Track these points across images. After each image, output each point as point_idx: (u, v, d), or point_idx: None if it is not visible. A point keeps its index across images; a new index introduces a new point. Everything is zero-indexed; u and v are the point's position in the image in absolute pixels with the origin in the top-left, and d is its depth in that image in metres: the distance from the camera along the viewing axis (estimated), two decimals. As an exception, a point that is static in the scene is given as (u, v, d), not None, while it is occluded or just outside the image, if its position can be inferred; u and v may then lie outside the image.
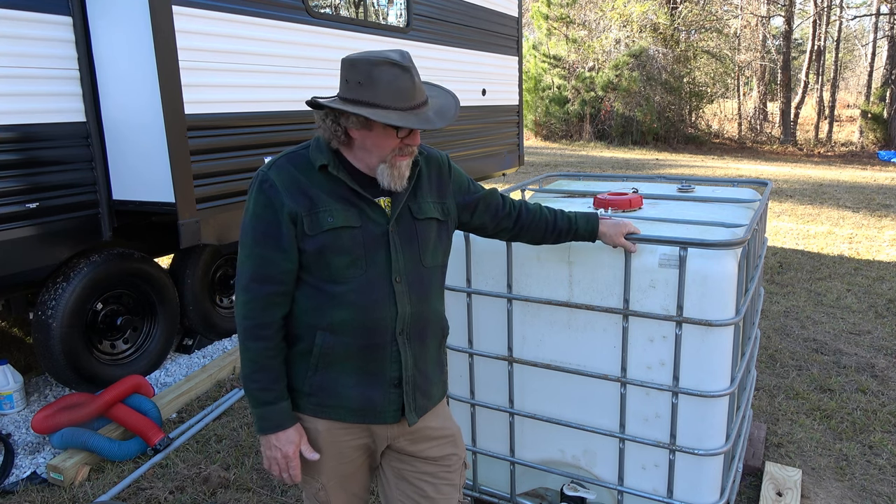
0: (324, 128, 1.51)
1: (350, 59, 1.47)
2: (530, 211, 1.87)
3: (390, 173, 1.49)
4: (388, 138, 1.47)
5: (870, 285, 5.50)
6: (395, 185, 1.50)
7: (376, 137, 1.47)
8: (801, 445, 3.08)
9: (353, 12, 5.24)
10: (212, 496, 2.76)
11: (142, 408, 3.23)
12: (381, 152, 1.49)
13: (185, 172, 3.43)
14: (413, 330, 1.58)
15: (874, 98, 20.52)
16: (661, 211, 2.43)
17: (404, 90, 1.43)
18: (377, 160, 1.50)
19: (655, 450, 2.10)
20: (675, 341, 1.98)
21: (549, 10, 20.31)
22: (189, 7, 3.40)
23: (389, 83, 1.42)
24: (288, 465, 1.55)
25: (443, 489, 1.68)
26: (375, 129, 1.47)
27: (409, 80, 1.44)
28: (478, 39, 6.25)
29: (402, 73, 1.43)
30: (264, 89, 3.94)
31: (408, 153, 1.50)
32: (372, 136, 1.48)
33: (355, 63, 1.45)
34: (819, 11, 20.81)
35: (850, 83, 31.63)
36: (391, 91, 1.42)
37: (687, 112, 20.65)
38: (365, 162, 1.52)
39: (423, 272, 1.58)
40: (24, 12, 3.09)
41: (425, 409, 1.65)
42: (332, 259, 1.49)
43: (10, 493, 2.83)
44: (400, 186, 1.52)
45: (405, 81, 1.44)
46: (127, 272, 3.75)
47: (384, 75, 1.42)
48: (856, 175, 12.90)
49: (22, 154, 3.16)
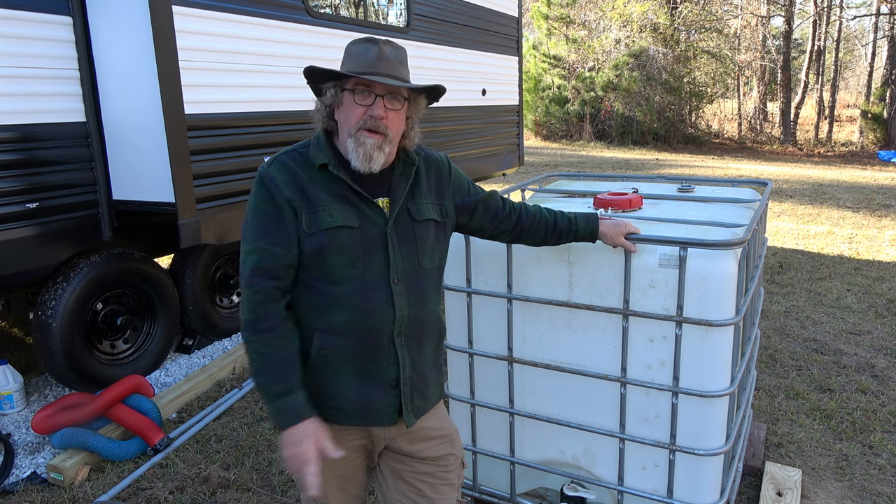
0: (318, 117, 1.57)
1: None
2: (530, 213, 1.86)
3: (356, 150, 1.48)
4: (353, 107, 1.49)
5: (870, 285, 5.50)
6: (363, 164, 1.49)
7: (345, 109, 1.51)
8: (801, 445, 3.08)
9: (353, 12, 5.24)
10: (212, 496, 2.76)
11: (142, 408, 3.23)
12: (348, 125, 1.50)
13: (185, 172, 3.43)
14: (410, 332, 1.57)
15: (874, 98, 20.52)
16: (661, 211, 2.43)
17: (370, 59, 1.48)
18: (346, 136, 1.51)
19: (655, 450, 2.10)
20: (675, 341, 1.98)
21: (549, 10, 20.31)
22: (189, 7, 3.40)
23: (358, 54, 1.50)
24: (305, 466, 1.42)
25: (440, 489, 1.68)
26: (346, 102, 1.50)
27: (375, 49, 1.49)
28: (478, 39, 6.25)
29: (370, 46, 1.50)
30: (264, 89, 3.94)
31: (372, 127, 1.48)
32: (342, 109, 1.52)
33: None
34: (819, 11, 20.81)
35: (850, 83, 31.63)
36: (357, 59, 1.50)
37: (687, 112, 20.64)
38: (344, 144, 1.53)
39: (421, 274, 1.58)
40: (24, 12, 3.09)
41: (423, 411, 1.65)
42: (331, 258, 1.48)
43: (10, 493, 2.83)
44: (367, 167, 1.49)
45: (371, 51, 1.49)
46: (127, 272, 3.75)
47: (354, 49, 1.52)
48: (856, 175, 12.90)
49: (22, 154, 3.16)
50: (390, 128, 1.50)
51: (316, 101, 1.58)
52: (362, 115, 1.48)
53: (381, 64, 1.48)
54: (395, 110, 1.51)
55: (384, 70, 1.48)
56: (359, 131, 1.48)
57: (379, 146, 1.49)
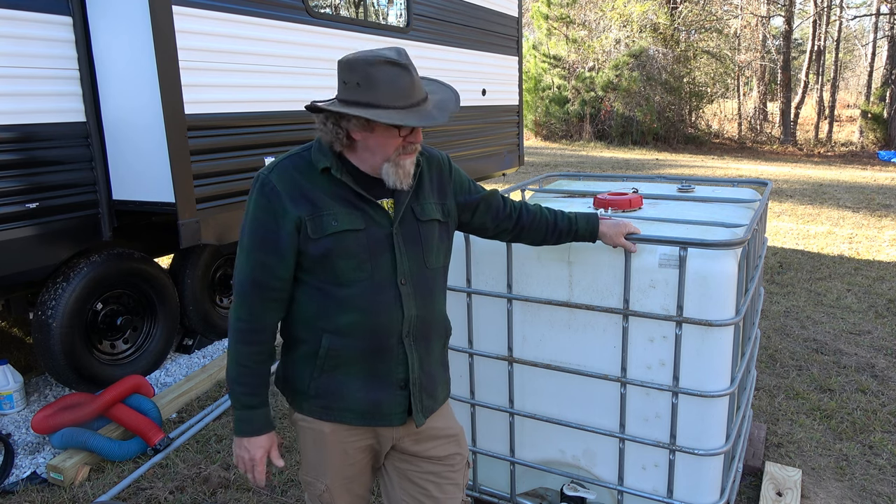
0: (325, 131, 1.48)
1: (346, 61, 1.45)
2: (531, 212, 1.86)
3: (395, 172, 1.48)
4: (390, 137, 1.46)
5: (870, 285, 5.50)
6: (401, 183, 1.50)
7: (379, 137, 1.46)
8: (801, 445, 3.08)
9: (353, 12, 5.24)
10: (212, 496, 2.76)
11: (142, 408, 3.23)
12: (384, 152, 1.47)
13: (185, 172, 3.43)
14: (419, 332, 1.57)
15: (874, 98, 20.52)
16: (661, 211, 2.43)
17: (404, 88, 1.42)
18: (381, 160, 1.48)
19: (655, 450, 2.10)
20: (675, 341, 1.98)
21: (549, 10, 20.30)
22: (189, 7, 3.40)
23: (388, 83, 1.41)
24: (254, 468, 1.58)
25: (447, 489, 1.68)
26: (377, 130, 1.45)
27: (408, 77, 1.43)
28: (478, 39, 6.25)
29: (400, 72, 1.42)
30: (264, 89, 3.94)
31: (411, 151, 1.50)
32: (374, 136, 1.46)
33: (352, 64, 1.43)
34: (819, 11, 20.80)
35: (850, 83, 31.62)
36: (390, 90, 1.41)
37: (687, 112, 20.64)
38: (369, 163, 1.50)
39: (428, 274, 1.58)
40: (24, 12, 3.09)
41: (431, 410, 1.65)
42: (338, 262, 1.48)
43: (10, 493, 2.83)
44: (406, 185, 1.51)
45: (404, 79, 1.42)
46: (127, 272, 3.75)
47: (382, 75, 1.40)
48: (856, 175, 12.90)
49: (22, 154, 3.16)
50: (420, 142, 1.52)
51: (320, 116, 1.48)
52: (401, 143, 1.47)
53: (415, 92, 1.44)
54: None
55: (420, 97, 1.46)
56: (398, 156, 1.48)
57: (413, 162, 1.52)
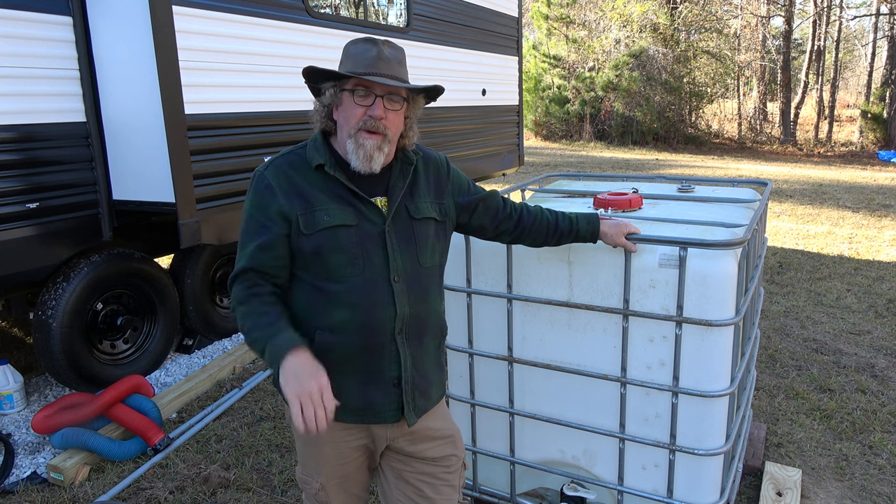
0: (317, 117, 1.57)
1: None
2: (531, 213, 1.86)
3: (356, 151, 1.50)
4: (352, 107, 1.50)
5: (870, 285, 5.50)
6: (363, 165, 1.50)
7: (344, 110, 1.52)
8: (801, 445, 3.08)
9: (353, 12, 5.24)
10: (212, 496, 2.76)
11: (142, 408, 3.23)
12: (348, 125, 1.51)
13: (186, 172, 3.43)
14: (412, 330, 1.58)
15: (874, 98, 20.52)
16: (661, 211, 2.43)
17: (369, 58, 1.49)
18: (346, 137, 1.51)
19: (655, 450, 2.10)
20: (675, 341, 1.98)
21: (549, 10, 20.30)
22: (189, 7, 3.40)
23: (356, 54, 1.51)
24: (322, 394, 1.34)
25: (442, 490, 1.68)
26: (345, 102, 1.51)
27: (374, 50, 1.50)
28: (478, 39, 6.25)
29: (369, 46, 1.50)
30: (264, 89, 3.94)
31: (372, 127, 1.49)
32: (341, 109, 1.53)
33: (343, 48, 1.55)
34: (819, 11, 20.80)
35: (850, 83, 31.63)
36: (355, 59, 1.50)
37: (687, 112, 20.64)
38: (343, 144, 1.53)
39: (422, 272, 1.58)
40: (24, 12, 3.09)
41: (424, 410, 1.65)
42: (330, 258, 1.49)
43: (11, 493, 2.83)
44: (367, 167, 1.50)
45: (370, 51, 1.50)
46: (127, 272, 3.75)
47: (353, 48, 1.53)
48: (856, 175, 12.90)
49: (22, 154, 3.16)
50: (389, 128, 1.51)
51: (315, 102, 1.59)
52: (362, 115, 1.49)
53: (380, 64, 1.48)
54: (395, 111, 1.52)
55: (383, 70, 1.48)
56: (358, 132, 1.49)
57: (378, 147, 1.50)
